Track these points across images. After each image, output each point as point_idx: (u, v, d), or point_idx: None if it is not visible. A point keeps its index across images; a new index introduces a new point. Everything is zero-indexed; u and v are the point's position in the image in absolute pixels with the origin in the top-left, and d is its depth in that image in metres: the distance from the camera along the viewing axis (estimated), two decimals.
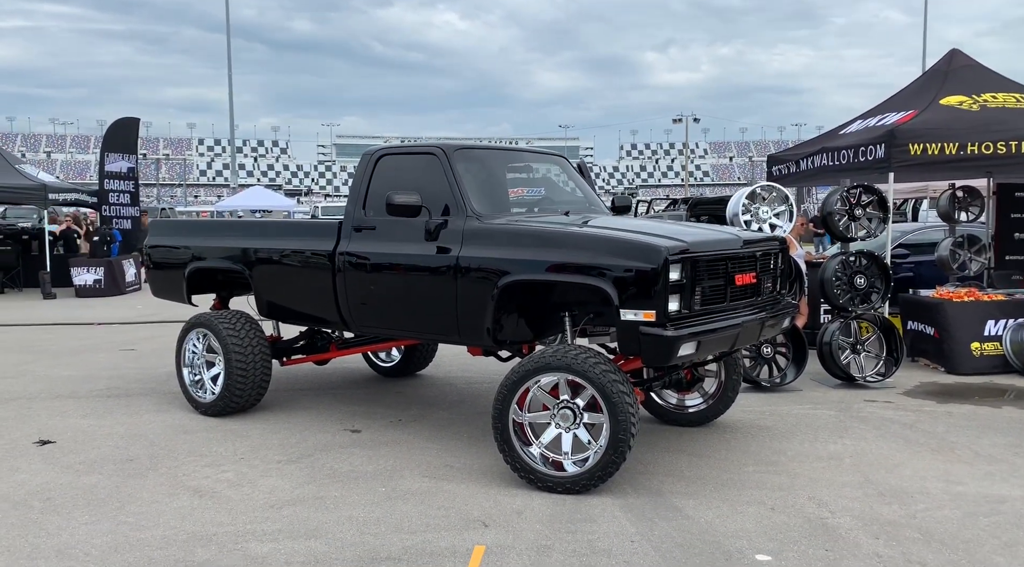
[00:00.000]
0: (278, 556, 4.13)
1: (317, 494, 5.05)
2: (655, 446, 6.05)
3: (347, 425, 6.66)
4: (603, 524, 4.56)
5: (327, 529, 4.49)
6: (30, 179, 17.10)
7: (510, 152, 6.62)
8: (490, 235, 5.50)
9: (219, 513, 4.73)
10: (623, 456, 4.88)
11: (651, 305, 4.81)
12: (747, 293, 5.48)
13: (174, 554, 4.17)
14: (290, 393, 7.83)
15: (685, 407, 6.66)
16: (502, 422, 5.13)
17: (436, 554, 4.16)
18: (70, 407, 7.32)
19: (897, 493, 5.06)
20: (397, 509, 4.79)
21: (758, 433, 6.42)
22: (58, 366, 9.32)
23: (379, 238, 6.05)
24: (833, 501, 4.92)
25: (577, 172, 7.01)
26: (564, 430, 5.08)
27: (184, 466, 5.61)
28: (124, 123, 18.56)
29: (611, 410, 4.84)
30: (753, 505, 4.86)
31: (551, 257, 5.17)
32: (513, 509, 4.78)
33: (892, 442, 6.16)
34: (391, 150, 6.25)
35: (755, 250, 5.55)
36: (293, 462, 5.69)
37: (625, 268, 4.89)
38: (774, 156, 11.36)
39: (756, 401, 7.47)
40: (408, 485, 5.20)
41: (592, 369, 4.86)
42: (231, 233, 7.14)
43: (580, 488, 4.98)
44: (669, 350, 4.77)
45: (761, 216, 8.01)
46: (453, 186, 5.75)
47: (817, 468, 5.54)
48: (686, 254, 4.91)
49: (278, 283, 6.72)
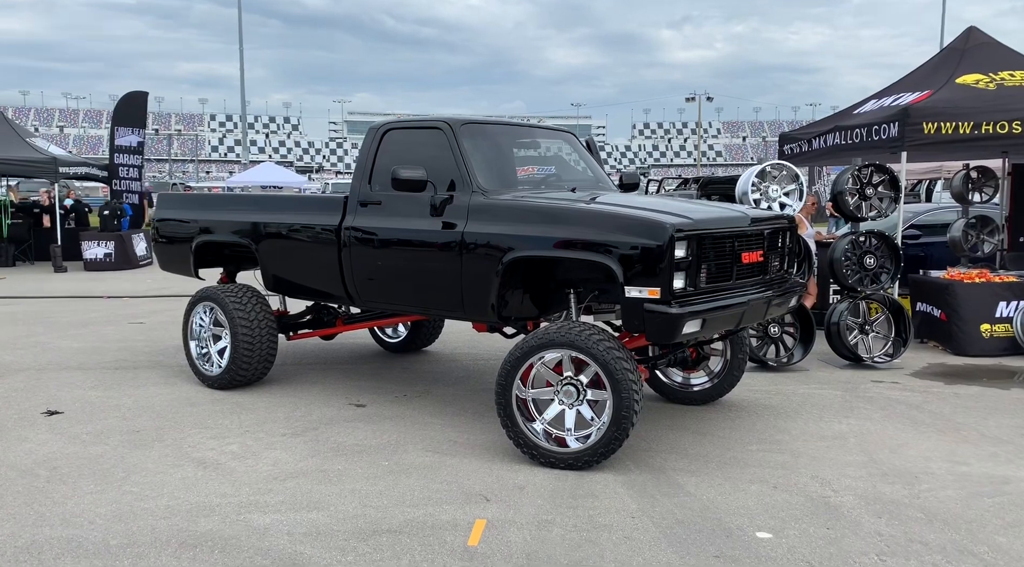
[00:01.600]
0: (280, 527, 4.16)
1: (320, 467, 5.07)
2: (659, 424, 6.04)
3: (352, 400, 6.68)
4: (604, 500, 4.56)
5: (329, 501, 4.51)
6: (40, 152, 17.14)
7: (518, 128, 6.56)
8: (495, 211, 5.47)
9: (223, 484, 4.76)
10: (626, 433, 4.87)
11: (656, 282, 4.79)
12: (754, 271, 5.44)
13: (177, 524, 4.19)
14: (297, 367, 7.85)
15: (690, 385, 6.64)
16: (505, 398, 5.13)
17: (437, 527, 4.18)
18: (78, 379, 7.36)
19: (901, 473, 5.04)
20: (400, 483, 4.80)
21: (762, 412, 6.40)
22: (67, 338, 9.37)
23: (385, 213, 6.04)
24: (836, 480, 4.90)
25: (586, 149, 6.96)
26: (567, 406, 5.07)
27: (189, 438, 5.65)
28: (133, 97, 18.54)
29: (614, 387, 4.83)
30: (755, 483, 4.85)
31: (556, 233, 5.15)
32: (515, 484, 4.79)
33: (897, 422, 6.14)
34: (397, 124, 6.22)
35: (763, 228, 5.50)
36: (297, 435, 5.72)
37: (630, 245, 4.86)
38: (786, 135, 11.26)
39: (762, 381, 7.45)
40: (411, 459, 5.22)
41: (596, 346, 4.85)
42: (238, 207, 7.14)
43: (582, 464, 4.98)
44: (674, 327, 4.75)
45: (771, 195, 7.95)
46: (459, 161, 5.71)
47: (820, 447, 5.53)
48: (692, 231, 4.88)
49: (284, 257, 6.72)
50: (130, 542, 3.98)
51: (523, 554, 3.89)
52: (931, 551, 3.95)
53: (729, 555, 3.91)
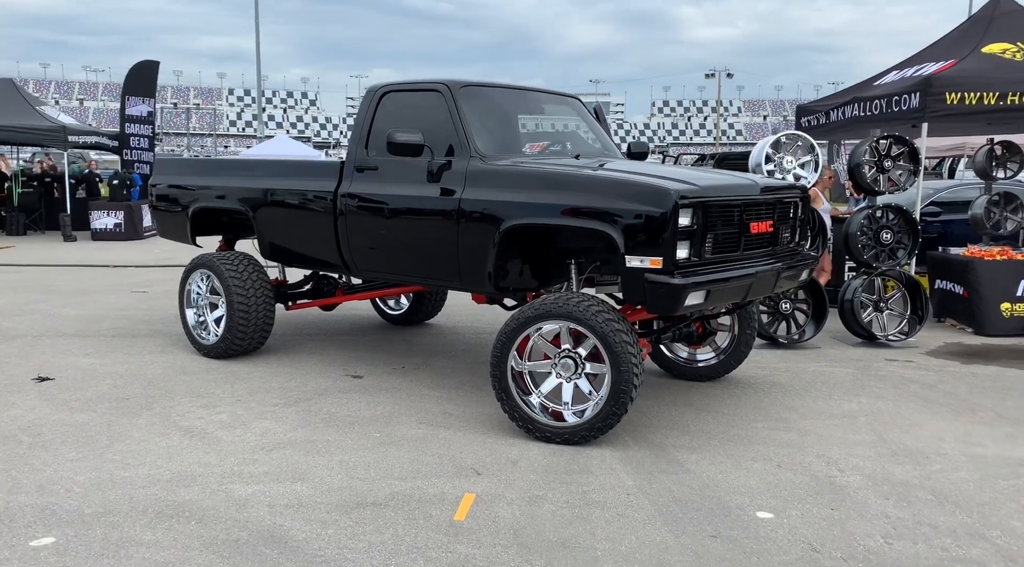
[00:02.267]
0: (261, 498, 4.01)
1: (310, 437, 4.92)
2: (661, 399, 5.85)
3: (350, 371, 6.53)
4: (600, 476, 4.39)
5: (315, 473, 4.36)
6: (50, 120, 17.04)
7: (521, 92, 6.32)
8: (493, 177, 5.27)
9: (207, 454, 4.62)
10: (624, 408, 4.69)
11: (658, 252, 4.58)
12: (763, 242, 5.22)
13: (156, 493, 4.06)
14: (296, 338, 7.71)
15: (696, 361, 6.44)
16: (500, 370, 4.95)
17: (424, 500, 4.02)
18: (74, 346, 7.25)
19: (912, 453, 4.83)
20: (389, 455, 4.65)
21: (770, 389, 6.20)
22: (68, 306, 9.28)
23: (381, 179, 5.85)
24: (843, 460, 4.71)
25: (592, 116, 6.72)
26: (565, 380, 4.89)
27: (179, 406, 5.51)
28: (144, 66, 18.39)
29: (613, 360, 4.64)
30: (759, 461, 4.66)
31: (555, 200, 4.94)
32: (508, 458, 4.62)
33: (910, 402, 5.92)
34: (395, 86, 6.01)
35: (774, 198, 5.27)
36: (290, 405, 5.57)
37: (632, 212, 4.65)
38: (804, 106, 10.96)
39: (771, 357, 7.24)
40: (403, 431, 5.06)
41: (595, 317, 4.65)
42: (234, 172, 6.97)
43: (579, 439, 4.81)
44: (676, 299, 4.55)
45: (785, 166, 7.69)
46: (457, 125, 5.50)
47: (829, 426, 5.33)
48: (698, 198, 4.66)
49: (280, 225, 6.54)
50: (106, 511, 3.85)
51: (511, 530, 3.73)
52: (940, 534, 3.76)
53: (727, 535, 3.73)
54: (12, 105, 17.26)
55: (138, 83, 18.38)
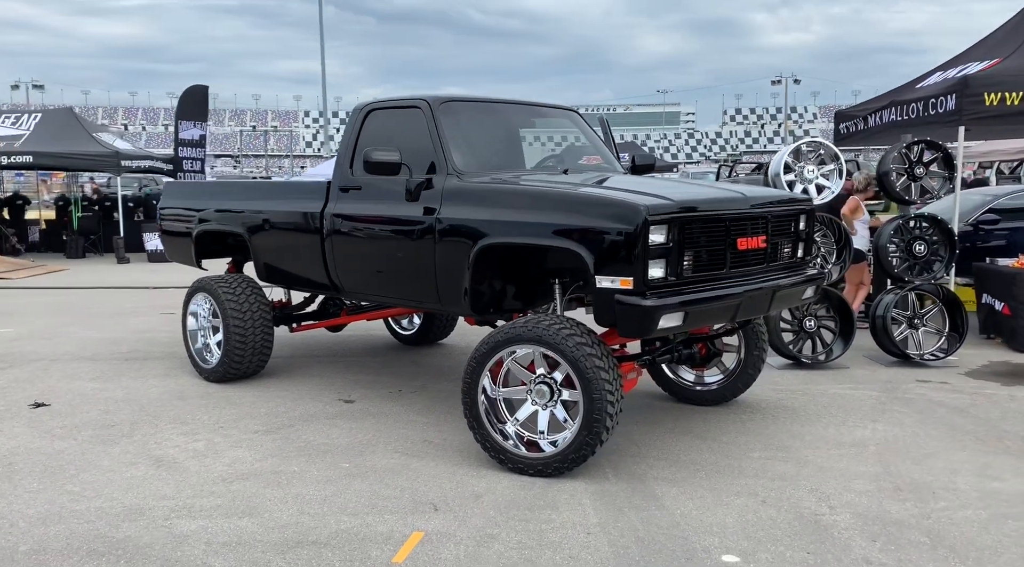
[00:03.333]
0: (201, 535, 3.86)
1: (276, 468, 4.77)
2: (659, 425, 5.53)
3: (344, 395, 6.38)
4: (564, 512, 4.11)
5: (267, 507, 4.19)
6: (104, 146, 17.52)
7: (511, 106, 6.10)
8: (468, 195, 5.06)
9: (167, 485, 4.50)
10: (598, 438, 4.40)
11: (628, 271, 4.30)
12: (755, 259, 4.88)
13: (99, 528, 3.94)
14: (303, 359, 7.62)
15: (702, 384, 6.10)
16: (471, 397, 4.73)
17: (367, 539, 3.81)
18: (84, 370, 7.29)
19: (917, 488, 4.42)
20: (351, 487, 4.46)
21: (780, 414, 5.81)
22: (93, 328, 9.40)
23: (364, 199, 5.70)
24: (837, 495, 4.33)
25: (588, 127, 6.46)
26: (541, 407, 4.63)
27: (160, 433, 5.43)
28: (195, 91, 18.76)
29: (585, 387, 4.37)
30: (743, 496, 4.32)
31: (523, 218, 4.71)
32: (473, 492, 4.38)
33: (932, 428, 5.47)
34: (380, 104, 5.86)
35: (767, 211, 4.92)
36: (271, 433, 5.44)
37: (600, 230, 4.39)
38: (842, 112, 10.46)
39: (791, 379, 6.83)
40: (375, 461, 4.87)
41: (565, 341, 4.38)
42: (230, 195, 6.93)
43: (552, 471, 4.54)
44: (647, 321, 4.25)
45: (806, 176, 7.27)
46: (435, 141, 5.32)
47: (833, 456, 4.94)
48: (672, 214, 4.36)
49: (273, 246, 6.45)
50: (40, 548, 3.75)
51: None
52: None
53: None
54: (71, 132, 17.82)
55: (190, 108, 18.78)
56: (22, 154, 17.17)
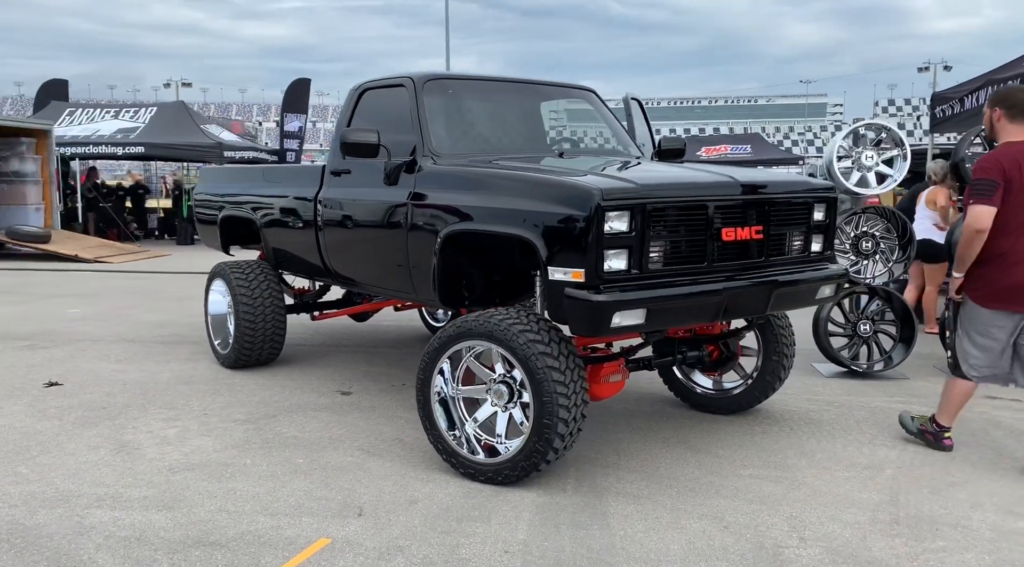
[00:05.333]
0: (106, 528, 3.69)
1: (230, 460, 4.58)
2: (655, 434, 5.04)
3: (346, 386, 6.17)
4: (494, 526, 3.73)
5: (192, 502, 4.00)
6: (210, 137, 18.17)
7: (513, 85, 5.68)
8: (438, 179, 4.73)
9: (111, 473, 4.38)
10: (549, 445, 3.98)
11: (581, 262, 3.85)
12: (748, 252, 4.31)
13: (15, 514, 3.84)
14: (327, 348, 7.50)
15: (718, 390, 5.53)
16: (424, 395, 4.39)
17: (267, 543, 3.55)
18: (116, 351, 7.41)
19: (919, 522, 3.78)
20: (290, 485, 4.21)
21: (799, 428, 5.19)
22: (152, 311, 9.62)
23: (352, 183, 5.45)
24: (818, 525, 3.74)
25: (607, 110, 5.98)
26: (500, 409, 4.24)
27: (143, 418, 5.37)
28: (298, 84, 19.22)
29: (535, 388, 3.96)
30: (705, 519, 3.80)
31: (481, 203, 4.34)
32: (411, 498, 4.05)
33: (975, 452, 4.73)
34: (373, 84, 5.59)
35: (764, 198, 4.35)
36: (249, 422, 5.28)
37: (551, 215, 3.96)
38: (939, 94, 9.46)
39: (835, 389, 6.14)
40: (331, 458, 4.61)
41: (515, 337, 3.98)
42: (246, 180, 6.85)
43: (503, 479, 4.15)
44: (598, 318, 3.80)
45: (864, 162, 6.53)
46: (415, 121, 5.01)
47: (838, 479, 4.32)
48: (633, 200, 3.88)
49: (278, 231, 6.32)
50: None
51: None
52: None
53: None
54: (181, 124, 18.59)
55: (293, 100, 19.23)
56: (136, 145, 18.05)
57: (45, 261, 15.16)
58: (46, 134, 17.12)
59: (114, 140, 18.29)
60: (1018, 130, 4.39)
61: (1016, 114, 4.39)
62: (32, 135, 16.99)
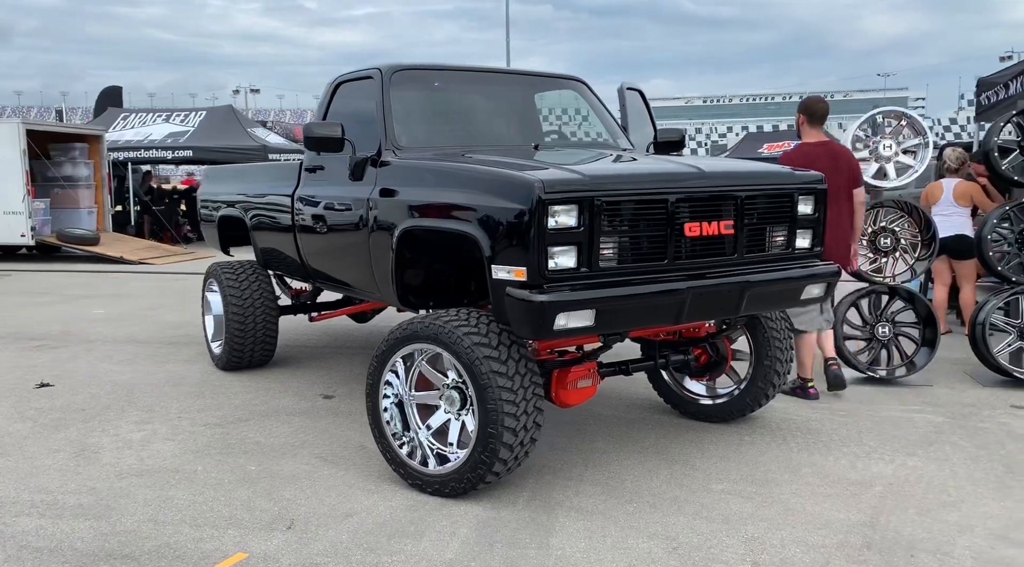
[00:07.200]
0: (25, 538, 3.56)
1: (181, 466, 4.44)
2: (634, 444, 4.72)
3: (331, 390, 6.00)
4: (426, 543, 3.48)
5: (125, 511, 3.85)
6: (256, 140, 18.35)
7: (495, 75, 5.42)
8: (398, 173, 4.51)
9: (59, 477, 4.28)
10: (495, 456, 3.71)
11: (523, 260, 3.58)
12: (716, 249, 3.97)
13: None
14: (327, 349, 7.36)
15: (711, 396, 5.18)
16: (373, 401, 4.17)
17: (181, 558, 3.37)
18: (121, 352, 7.39)
19: (894, 548, 3.40)
20: (231, 494, 4.04)
21: (795, 438, 4.81)
22: (173, 312, 9.65)
23: (323, 179, 5.28)
24: (778, 549, 3.39)
25: (597, 100, 5.67)
26: (453, 416, 4.00)
27: (116, 420, 5.28)
28: None
29: (479, 395, 3.71)
30: (656, 539, 3.49)
31: (431, 199, 4.11)
32: (349, 510, 3.83)
33: (982, 468, 4.30)
34: (348, 76, 5.39)
35: (735, 191, 4.00)
36: (219, 426, 5.15)
37: (493, 210, 3.70)
38: (984, 80, 8.85)
39: (847, 396, 5.72)
40: (285, 466, 4.43)
41: (460, 340, 3.74)
42: (238, 179, 6.75)
43: (449, 491, 3.90)
44: (539, 320, 3.52)
45: (882, 152, 6.09)
46: (380, 114, 4.80)
47: (817, 497, 3.94)
48: (581, 192, 3.59)
49: (262, 230, 6.19)
50: None
51: None
52: None
53: None
54: (229, 128, 18.83)
55: None
56: (185, 149, 18.36)
57: (92, 263, 15.48)
58: (98, 139, 17.52)
59: (164, 144, 18.63)
60: (814, 133, 5.53)
61: (814, 120, 5.53)
62: (85, 141, 17.41)
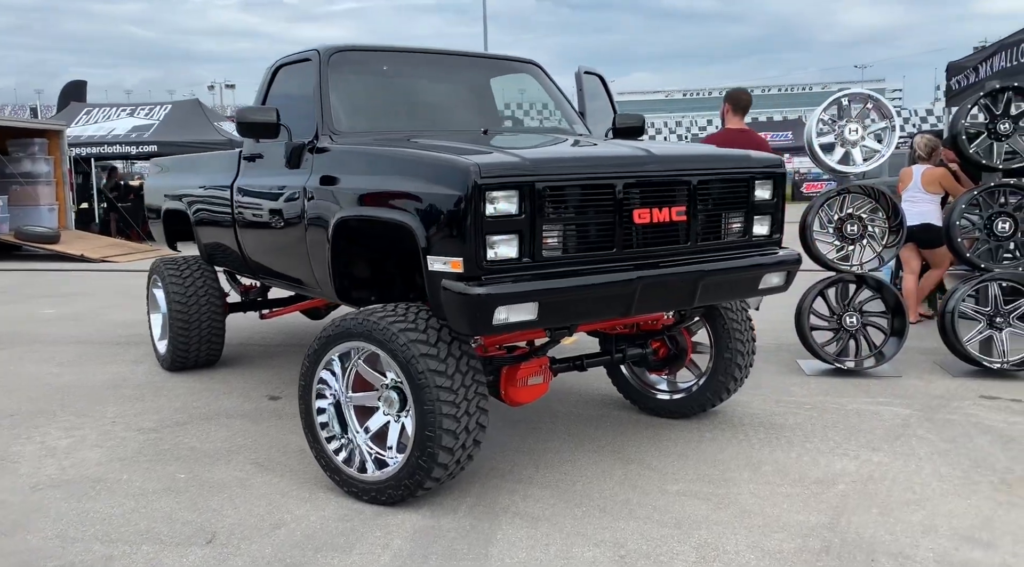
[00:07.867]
0: None
1: (105, 476, 4.16)
2: (590, 442, 4.50)
3: (279, 391, 5.74)
4: (355, 555, 3.24)
5: (34, 526, 3.57)
6: (222, 134, 17.98)
7: (441, 57, 5.16)
8: (336, 160, 4.25)
9: None
10: (434, 461, 3.47)
11: (459, 250, 3.34)
12: (667, 237, 3.75)
13: None
14: (283, 348, 7.09)
15: (672, 391, 4.97)
16: (305, 402, 3.92)
17: None
18: (64, 353, 7.07)
19: (853, 550, 3.19)
20: (153, 506, 3.77)
21: (758, 434, 4.60)
22: (129, 311, 9.21)
23: (261, 168, 5.02)
24: (732, 555, 3.18)
25: (552, 84, 5.43)
26: (393, 418, 3.75)
27: (46, 425, 5.00)
28: None
29: (416, 395, 3.47)
30: (603, 546, 3.26)
31: (366, 186, 3.85)
32: (278, 521, 3.58)
33: (950, 463, 4.11)
34: (287, 59, 5.11)
35: (686, 175, 3.77)
36: (154, 431, 4.87)
37: (427, 197, 3.46)
38: (954, 64, 8.70)
39: (813, 388, 5.52)
40: (217, 473, 4.17)
41: (395, 337, 3.49)
42: (183, 170, 6.46)
43: (386, 499, 3.66)
44: (476, 314, 3.28)
45: (848, 137, 5.89)
46: (317, 96, 4.53)
47: (777, 497, 3.73)
48: (521, 177, 3.35)
49: (204, 224, 5.90)
50: None
51: None
52: None
53: None
54: (194, 122, 18.45)
55: None
56: (149, 144, 17.96)
57: (53, 261, 15.09)
58: (58, 134, 17.09)
59: (128, 139, 18.23)
60: (736, 120, 5.98)
61: (738, 109, 5.98)
62: (44, 136, 16.98)
